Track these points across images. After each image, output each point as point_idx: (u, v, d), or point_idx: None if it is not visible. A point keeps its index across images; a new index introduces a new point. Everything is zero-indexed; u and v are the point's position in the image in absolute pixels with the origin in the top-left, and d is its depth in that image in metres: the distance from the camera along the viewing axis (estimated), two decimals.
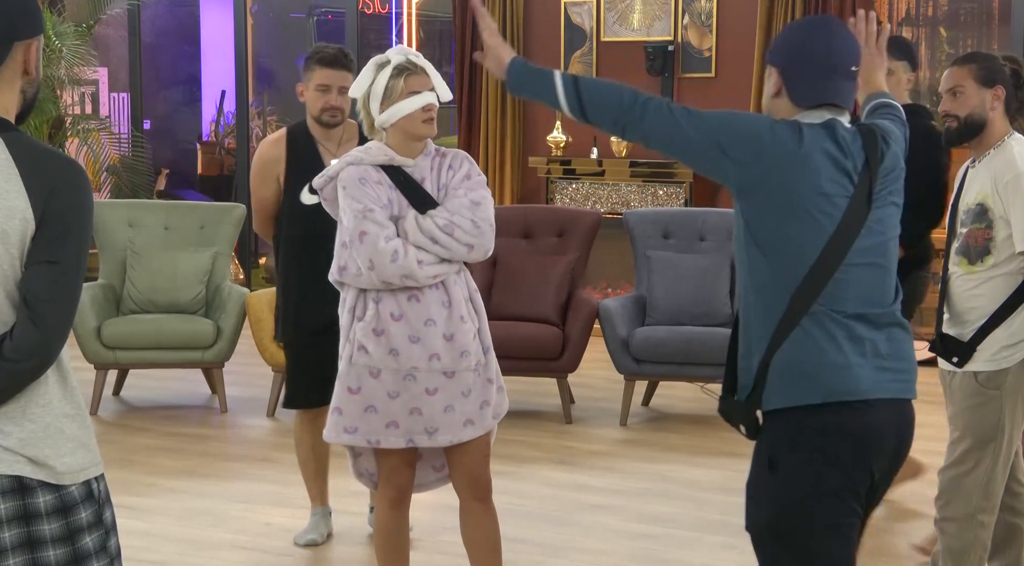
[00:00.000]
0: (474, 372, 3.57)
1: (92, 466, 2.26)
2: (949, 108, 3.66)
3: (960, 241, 3.65)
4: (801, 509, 2.55)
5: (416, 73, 3.51)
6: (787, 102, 2.67)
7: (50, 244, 2.15)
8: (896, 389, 2.59)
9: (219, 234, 6.89)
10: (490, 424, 3.63)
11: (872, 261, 2.60)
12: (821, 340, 2.53)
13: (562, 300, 6.45)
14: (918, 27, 9.43)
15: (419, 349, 3.49)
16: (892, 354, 2.60)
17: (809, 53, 2.65)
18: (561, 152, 8.78)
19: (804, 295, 2.53)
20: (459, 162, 3.62)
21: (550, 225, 6.84)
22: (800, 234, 2.53)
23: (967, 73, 3.63)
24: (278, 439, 6.19)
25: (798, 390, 2.53)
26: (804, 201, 2.53)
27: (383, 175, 3.52)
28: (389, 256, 3.42)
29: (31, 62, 2.24)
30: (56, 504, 2.21)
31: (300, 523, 4.79)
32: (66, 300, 2.17)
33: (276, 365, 6.46)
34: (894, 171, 2.68)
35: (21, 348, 2.13)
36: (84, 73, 9.73)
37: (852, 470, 2.55)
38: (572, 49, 8.88)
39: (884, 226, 2.62)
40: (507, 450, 5.62)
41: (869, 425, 2.55)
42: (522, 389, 6.73)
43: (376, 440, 3.55)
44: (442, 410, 3.53)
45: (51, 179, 2.16)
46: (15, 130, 2.20)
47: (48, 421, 2.21)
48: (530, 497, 5.16)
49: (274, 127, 11.72)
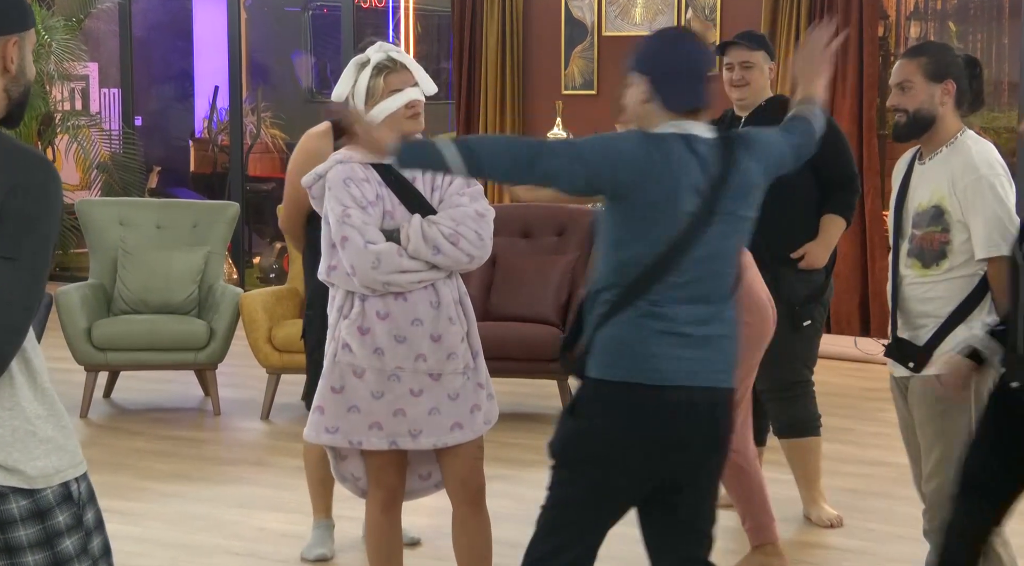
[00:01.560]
0: (463, 375, 3.58)
1: (70, 467, 2.24)
2: (897, 102, 3.60)
3: (913, 243, 3.60)
4: (579, 450, 2.97)
5: (396, 70, 3.54)
6: (659, 108, 2.92)
7: (8, 240, 2.11)
8: (697, 378, 2.89)
9: (212, 233, 6.90)
10: (481, 429, 3.64)
11: (706, 269, 2.89)
12: (635, 329, 2.87)
13: (562, 300, 6.47)
14: (926, 21, 9.45)
15: (404, 349, 3.50)
16: (703, 346, 2.90)
17: (678, 63, 2.94)
18: None
19: (632, 291, 2.87)
20: None
21: (550, 224, 6.85)
22: (643, 240, 2.86)
23: (916, 67, 3.57)
24: (273, 442, 6.21)
25: (607, 367, 2.90)
26: (656, 211, 2.84)
27: (371, 172, 3.54)
28: (370, 263, 3.45)
29: (8, 59, 2.20)
30: (31, 508, 2.19)
31: (295, 528, 4.81)
32: (20, 300, 2.12)
33: (270, 367, 6.48)
34: (744, 187, 2.92)
35: None
36: (74, 68, 9.76)
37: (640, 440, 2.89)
38: (573, 44, 8.90)
39: (725, 238, 2.91)
40: (506, 453, 5.63)
41: (660, 407, 2.87)
42: (520, 391, 6.74)
43: (358, 441, 3.56)
44: (426, 412, 3.54)
45: (15, 175, 2.12)
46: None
47: (16, 424, 2.18)
48: (529, 501, 5.15)
49: (269, 124, 11.74)
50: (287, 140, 11.80)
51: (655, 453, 2.91)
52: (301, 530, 4.74)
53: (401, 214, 3.54)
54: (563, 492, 3.02)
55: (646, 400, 2.87)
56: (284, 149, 11.76)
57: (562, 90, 8.96)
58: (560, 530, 3.01)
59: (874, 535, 4.80)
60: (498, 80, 8.98)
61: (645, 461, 2.92)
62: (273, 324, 6.45)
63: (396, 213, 3.54)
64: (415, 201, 3.55)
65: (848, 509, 5.01)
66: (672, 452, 2.92)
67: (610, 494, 2.97)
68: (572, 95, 8.93)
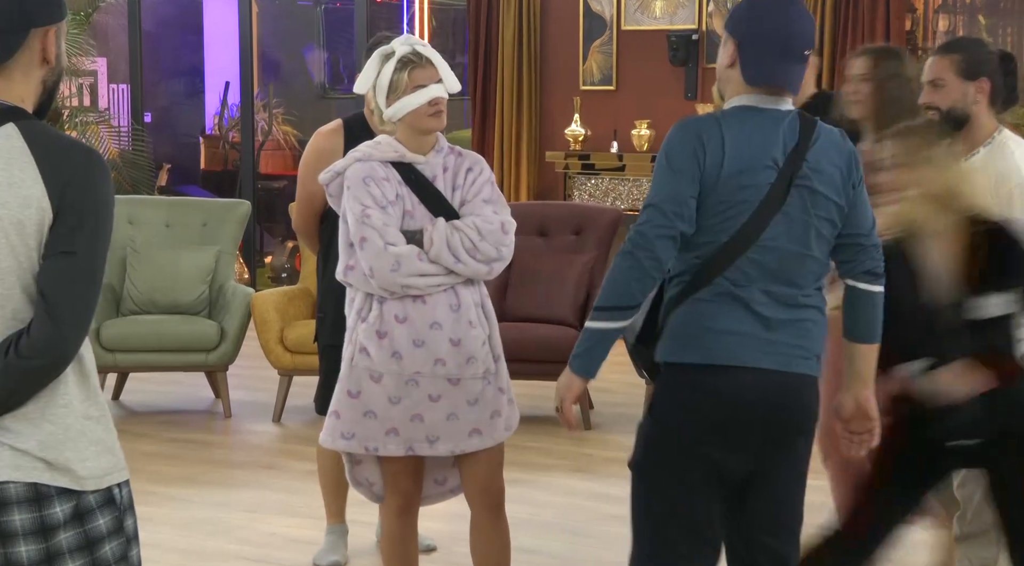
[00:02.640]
0: (483, 380, 3.57)
1: (116, 471, 2.26)
2: (930, 100, 3.60)
3: None
4: (658, 452, 2.88)
5: (421, 65, 3.51)
6: (738, 76, 2.84)
7: (66, 235, 2.14)
8: (778, 362, 2.82)
9: (223, 232, 6.91)
10: (501, 436, 3.63)
11: (787, 248, 2.81)
12: (711, 308, 2.81)
13: (580, 301, 6.46)
14: (955, 14, 9.41)
15: (423, 353, 3.49)
16: (786, 331, 2.83)
17: (768, 31, 2.81)
18: (579, 146, 8.80)
19: (709, 269, 2.80)
20: (479, 168, 3.62)
21: (568, 223, 6.85)
22: (722, 216, 2.78)
23: (949, 64, 3.57)
24: (284, 445, 6.22)
25: (682, 349, 2.84)
26: (732, 186, 2.77)
27: (391, 171, 3.53)
28: (389, 265, 3.43)
29: (50, 50, 2.24)
30: (73, 511, 2.20)
31: (307, 533, 4.81)
32: (83, 293, 2.15)
33: (282, 368, 6.49)
34: (824, 164, 2.83)
35: (35, 344, 2.12)
36: (82, 63, 9.78)
37: (716, 428, 2.83)
38: (591, 39, 8.89)
39: (805, 215, 2.82)
40: (522, 457, 5.63)
41: (741, 389, 2.81)
42: (538, 394, 6.73)
43: (374, 447, 3.55)
44: (444, 418, 3.53)
45: (68, 168, 2.16)
46: (30, 118, 2.20)
47: (69, 423, 2.19)
48: (546, 506, 5.18)
49: (280, 121, 11.76)
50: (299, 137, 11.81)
51: (732, 437, 2.84)
52: (312, 535, 4.74)
53: (421, 214, 3.53)
54: (651, 507, 2.91)
55: (720, 382, 2.81)
56: (296, 146, 11.78)
57: (580, 85, 8.95)
58: (663, 553, 2.90)
59: None
60: (514, 75, 8.97)
61: (723, 446, 2.84)
62: (285, 325, 6.46)
63: (416, 213, 3.52)
64: (436, 201, 3.54)
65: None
66: (748, 437, 2.85)
67: (696, 492, 2.87)
68: (590, 91, 8.92)
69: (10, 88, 2.21)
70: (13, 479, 2.15)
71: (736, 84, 2.85)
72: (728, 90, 2.89)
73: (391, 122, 3.55)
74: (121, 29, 10.76)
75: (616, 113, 8.80)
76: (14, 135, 2.16)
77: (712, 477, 2.86)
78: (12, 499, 2.16)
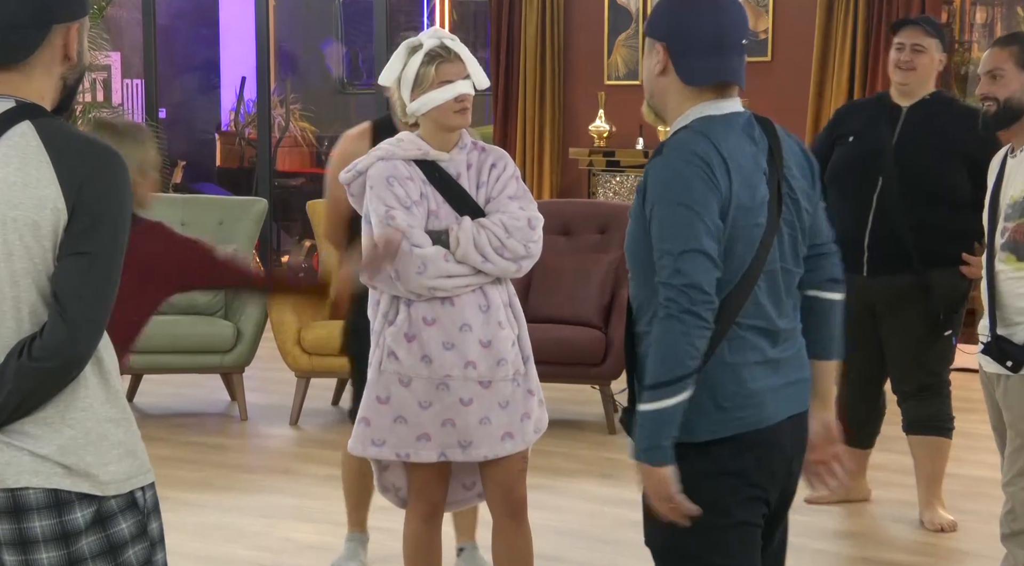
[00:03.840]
0: (512, 382, 3.57)
1: (139, 474, 2.27)
2: (988, 90, 3.69)
3: (1007, 236, 3.63)
4: (700, 523, 2.57)
5: (449, 60, 3.49)
6: (676, 82, 2.61)
7: (81, 235, 2.15)
8: (797, 404, 2.68)
9: (239, 230, 6.93)
10: (531, 438, 3.64)
11: (783, 270, 2.63)
12: (737, 367, 2.58)
13: (605, 301, 6.45)
14: (993, 6, 9.37)
15: (453, 356, 3.49)
16: (792, 368, 2.67)
17: (697, 24, 2.59)
18: (604, 142, 8.79)
19: (727, 313, 2.54)
20: (503, 163, 3.61)
21: (592, 221, 6.84)
22: (733, 245, 2.53)
23: (1008, 55, 3.67)
24: (301, 449, 6.23)
25: (713, 424, 2.57)
26: (743, 212, 2.54)
27: (415, 169, 3.52)
28: (415, 268, 3.43)
29: (71, 46, 2.25)
30: (94, 516, 2.20)
31: (323, 539, 4.82)
32: (96, 294, 2.16)
33: (300, 370, 6.50)
34: (796, 166, 2.67)
35: (47, 346, 2.13)
36: (95, 58, 9.81)
37: (753, 479, 2.62)
38: (616, 32, 8.88)
39: (791, 227, 2.64)
40: (545, 462, 5.63)
41: (772, 442, 2.63)
42: (561, 397, 6.73)
43: (406, 453, 3.56)
44: (477, 422, 3.53)
45: (84, 167, 2.17)
46: (48, 116, 2.21)
47: (90, 426, 2.20)
48: (570, 513, 5.17)
49: (298, 117, 11.79)
50: (317, 133, 11.84)
51: (765, 497, 2.67)
52: (329, 541, 4.75)
53: (446, 213, 3.53)
54: None
55: (757, 442, 2.60)
56: (314, 143, 11.81)
57: (605, 80, 8.95)
58: None
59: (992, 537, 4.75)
60: (537, 70, 8.97)
61: (761, 504, 2.67)
62: (302, 326, 6.47)
63: (441, 212, 3.52)
64: (460, 200, 3.54)
65: (964, 513, 5.02)
66: (777, 489, 2.70)
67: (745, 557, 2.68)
68: (615, 86, 8.91)
69: (29, 85, 2.23)
70: (33, 485, 2.16)
71: (676, 94, 2.61)
72: (669, 103, 2.64)
73: (414, 117, 3.55)
74: (135, 23, 10.80)
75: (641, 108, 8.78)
76: (30, 134, 2.17)
77: (756, 537, 2.68)
78: (32, 505, 2.17)
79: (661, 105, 2.67)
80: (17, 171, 2.15)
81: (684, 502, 2.55)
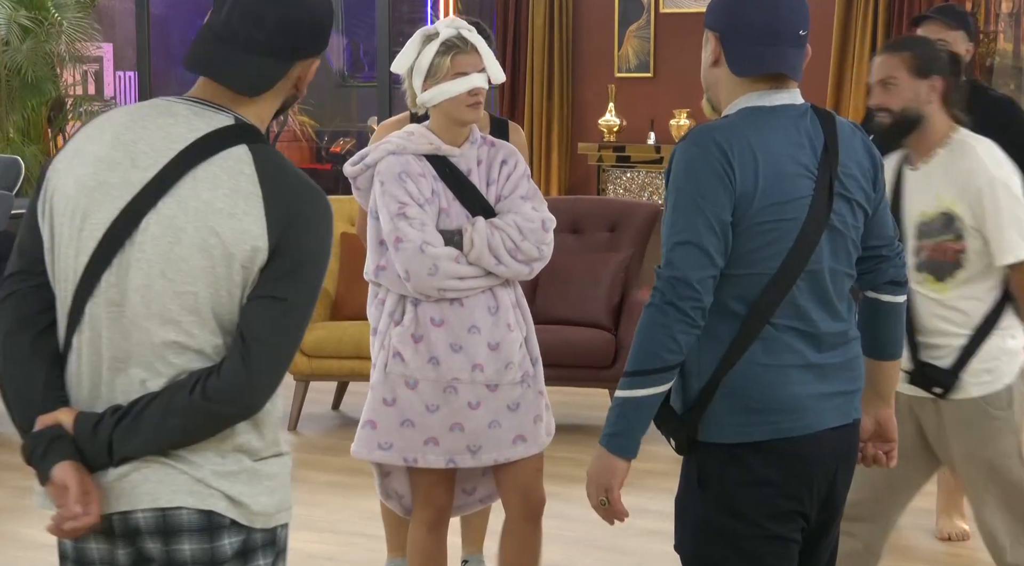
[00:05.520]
0: (522, 384, 3.58)
1: (283, 510, 2.26)
2: (881, 101, 3.54)
3: (922, 256, 3.54)
4: (730, 532, 2.60)
5: (465, 51, 3.48)
6: (726, 72, 2.64)
7: (279, 279, 2.13)
8: (842, 415, 2.67)
9: None
10: (544, 441, 3.65)
11: (831, 267, 2.62)
12: (771, 369, 2.57)
13: (615, 302, 6.47)
14: None
15: (461, 358, 3.50)
16: (840, 378, 2.66)
17: (750, 13, 2.61)
18: (614, 137, 8.80)
19: (760, 312, 2.55)
20: (513, 160, 3.62)
21: (602, 218, 6.85)
22: (762, 240, 2.55)
23: (900, 62, 3.53)
24: (301, 455, 6.24)
25: (743, 427, 2.58)
26: (770, 207, 2.54)
27: (426, 165, 3.52)
28: (426, 269, 3.43)
29: (304, 79, 2.27)
30: (239, 548, 2.19)
31: (326, 549, 4.83)
32: (286, 344, 2.15)
33: (299, 373, 6.52)
34: (854, 164, 2.65)
35: (226, 390, 2.11)
36: (87, 49, 9.85)
37: (788, 491, 2.61)
38: (627, 23, 8.89)
39: (846, 226, 2.63)
40: (553, 468, 5.62)
41: (810, 453, 2.62)
42: (570, 400, 6.74)
43: (413, 458, 3.56)
44: (486, 426, 3.54)
45: (293, 207, 2.15)
46: (263, 142, 2.21)
47: (244, 456, 2.19)
48: (578, 521, 5.18)
49: (297, 111, 11.80)
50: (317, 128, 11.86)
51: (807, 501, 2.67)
52: (332, 550, 4.76)
53: (456, 211, 3.53)
54: None
55: (792, 451, 2.60)
56: (313, 137, 11.83)
57: (615, 72, 8.96)
58: None
59: None
60: (545, 62, 8.98)
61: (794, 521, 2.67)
62: None
63: (452, 211, 3.52)
64: (471, 197, 3.54)
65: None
66: (816, 504, 2.69)
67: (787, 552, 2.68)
68: (626, 78, 8.92)
69: (253, 107, 2.23)
70: (187, 505, 2.15)
71: (728, 84, 2.64)
72: (721, 95, 2.67)
73: (424, 108, 3.55)
74: (128, 13, 10.83)
75: (653, 102, 8.80)
76: (245, 160, 2.16)
77: (791, 553, 2.69)
78: (184, 527, 2.16)
79: (715, 97, 2.70)
80: (225, 198, 2.13)
81: (618, 503, 2.60)
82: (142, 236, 2.12)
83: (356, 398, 6.70)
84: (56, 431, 2.13)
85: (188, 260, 2.12)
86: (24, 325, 2.18)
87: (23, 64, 9.11)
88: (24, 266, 2.20)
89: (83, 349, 2.16)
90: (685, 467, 2.71)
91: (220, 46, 2.20)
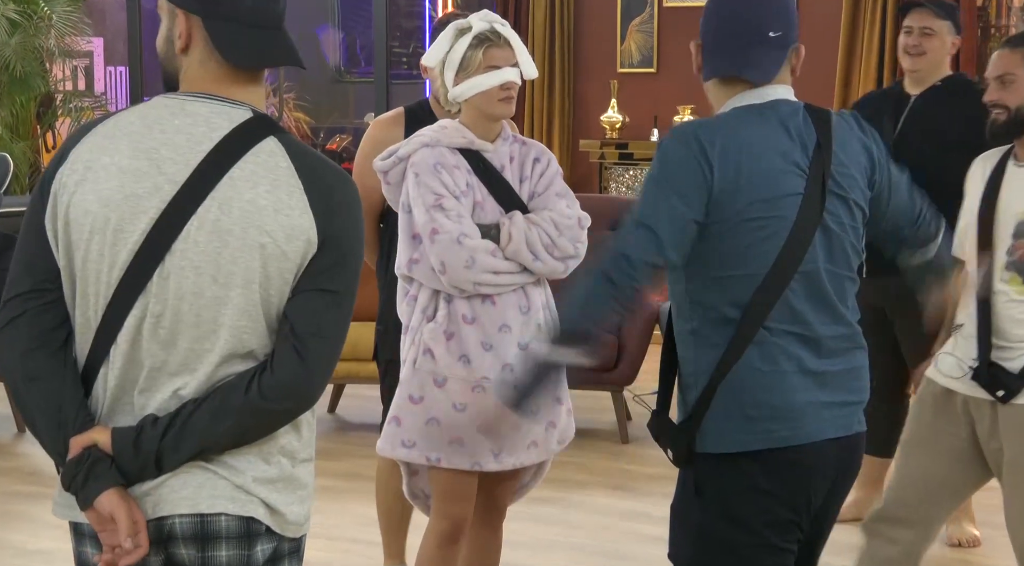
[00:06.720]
0: None
1: (308, 520, 2.28)
2: (997, 97, 3.53)
3: (1013, 256, 3.50)
4: (728, 540, 2.63)
5: (498, 45, 3.48)
6: (708, 77, 2.70)
7: (328, 271, 2.13)
8: (843, 427, 2.68)
9: None
10: (554, 449, 3.64)
11: (827, 268, 2.63)
12: (767, 375, 2.58)
13: None
14: None
15: (492, 357, 3.48)
16: (841, 386, 2.67)
17: (722, 18, 2.66)
18: (617, 134, 8.81)
19: (753, 316, 2.56)
20: (546, 158, 3.64)
21: (603, 217, 6.82)
22: (750, 239, 2.57)
23: (1020, 59, 3.52)
24: None
25: (741, 435, 2.60)
26: (757, 204, 2.56)
27: (460, 158, 3.51)
28: (463, 262, 3.41)
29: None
30: (271, 555, 2.21)
31: (321, 555, 4.83)
32: (337, 335, 2.16)
33: None
34: (851, 162, 2.66)
35: (284, 385, 2.11)
36: (77, 44, 9.85)
37: (786, 501, 2.64)
38: (630, 17, 8.90)
39: (842, 226, 2.65)
40: (555, 473, 5.60)
41: (810, 463, 2.64)
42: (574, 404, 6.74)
43: (437, 458, 3.53)
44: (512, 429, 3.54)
45: (333, 197, 2.15)
46: (286, 132, 2.19)
47: (284, 463, 2.20)
48: (580, 527, 5.19)
49: (292, 107, 11.81)
50: (312, 124, 11.86)
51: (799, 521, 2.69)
52: (328, 557, 4.76)
53: (491, 207, 3.52)
54: None
55: (789, 460, 2.62)
56: (309, 134, 11.83)
57: (618, 68, 8.96)
58: None
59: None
60: (546, 57, 8.99)
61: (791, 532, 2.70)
62: None
63: (486, 205, 3.51)
64: (505, 193, 3.54)
65: (997, 527, 5.03)
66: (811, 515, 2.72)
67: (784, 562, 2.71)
68: (629, 73, 8.93)
69: (259, 95, 2.22)
70: (228, 511, 2.15)
71: (712, 89, 2.71)
72: (711, 100, 2.74)
73: (456, 103, 3.55)
74: (119, 7, 10.83)
75: (657, 98, 8.81)
76: (279, 153, 2.14)
77: (787, 563, 2.71)
78: (222, 533, 2.16)
79: (713, 105, 2.75)
80: (268, 194, 2.11)
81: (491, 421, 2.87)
82: (183, 244, 2.10)
83: (352, 401, 6.64)
84: (95, 453, 2.11)
85: (238, 262, 2.10)
86: (42, 343, 2.15)
87: (11, 59, 9.11)
88: (35, 284, 2.16)
89: (116, 362, 2.14)
90: (682, 474, 2.74)
91: (263, 33, 2.18)
